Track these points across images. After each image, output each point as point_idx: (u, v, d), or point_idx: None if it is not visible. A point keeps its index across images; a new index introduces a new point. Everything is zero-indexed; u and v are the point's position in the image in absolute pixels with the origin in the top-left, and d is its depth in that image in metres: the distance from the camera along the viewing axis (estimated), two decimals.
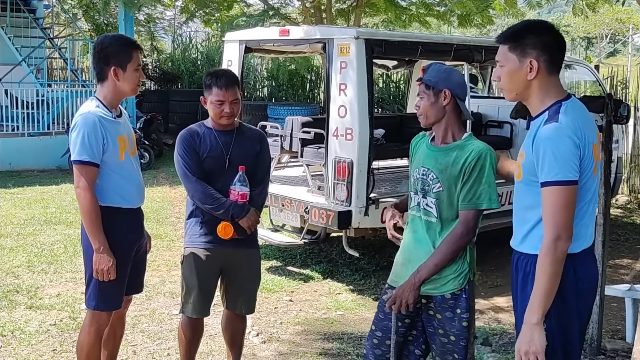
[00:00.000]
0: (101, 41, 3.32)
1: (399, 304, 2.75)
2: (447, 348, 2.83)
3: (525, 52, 2.40)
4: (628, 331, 4.59)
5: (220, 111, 3.41)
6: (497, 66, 2.51)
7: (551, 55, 2.41)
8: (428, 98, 2.79)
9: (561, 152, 2.29)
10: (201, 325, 3.72)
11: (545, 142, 2.32)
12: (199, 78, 16.93)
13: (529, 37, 2.41)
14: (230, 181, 3.45)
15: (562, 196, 2.31)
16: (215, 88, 3.40)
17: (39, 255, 6.53)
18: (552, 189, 2.31)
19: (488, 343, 4.56)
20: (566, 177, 2.30)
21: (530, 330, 2.32)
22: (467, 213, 2.74)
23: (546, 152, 2.31)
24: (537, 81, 2.42)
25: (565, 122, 2.33)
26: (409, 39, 6.13)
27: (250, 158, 3.52)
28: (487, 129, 7.93)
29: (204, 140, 3.46)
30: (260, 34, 6.87)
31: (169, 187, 10.57)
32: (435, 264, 2.73)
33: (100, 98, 3.28)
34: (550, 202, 2.32)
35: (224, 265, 3.58)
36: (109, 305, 3.34)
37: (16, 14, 14.28)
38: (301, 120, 6.67)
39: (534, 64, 2.39)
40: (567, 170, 2.29)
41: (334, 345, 4.61)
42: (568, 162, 2.29)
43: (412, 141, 3.03)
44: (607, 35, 35.18)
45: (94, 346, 3.37)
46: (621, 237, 7.99)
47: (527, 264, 2.46)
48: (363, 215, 5.61)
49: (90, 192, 3.19)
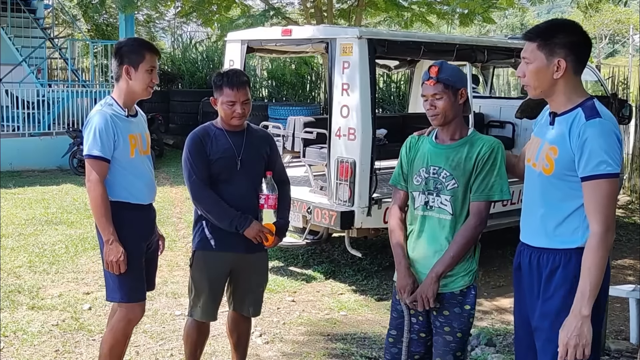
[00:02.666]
0: (119, 42, 3.46)
1: (421, 301, 2.80)
2: (451, 347, 2.85)
3: (554, 51, 2.43)
4: (632, 332, 4.58)
5: (231, 112, 3.38)
6: (522, 62, 2.53)
7: (578, 56, 2.45)
8: (448, 98, 2.79)
9: (610, 145, 2.35)
10: (207, 327, 3.70)
11: (593, 137, 2.36)
12: (200, 78, 16.92)
13: (558, 37, 2.44)
14: (241, 183, 3.41)
15: (611, 189, 2.37)
16: (226, 88, 3.36)
17: (41, 255, 6.52)
18: (601, 182, 2.36)
19: (492, 344, 4.54)
20: (615, 170, 2.36)
21: (580, 322, 2.35)
22: (479, 204, 2.79)
23: (595, 146, 2.35)
24: (562, 80, 2.45)
25: (608, 117, 2.41)
26: (411, 39, 6.13)
27: (261, 159, 3.49)
28: (489, 129, 7.93)
29: (215, 142, 3.42)
30: (262, 33, 6.86)
31: (170, 187, 10.56)
32: (452, 256, 2.79)
33: (115, 97, 3.37)
34: (599, 195, 2.37)
35: (233, 268, 3.55)
36: (134, 295, 3.37)
37: (16, 14, 14.27)
38: (303, 120, 6.66)
39: (562, 64, 2.42)
40: (615, 163, 2.36)
41: (338, 346, 4.60)
42: (616, 155, 2.36)
43: (407, 142, 3.02)
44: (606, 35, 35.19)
45: (120, 341, 3.41)
46: (623, 237, 7.99)
47: (554, 259, 2.49)
48: (366, 216, 5.61)
49: (100, 185, 3.24)
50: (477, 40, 6.83)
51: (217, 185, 3.42)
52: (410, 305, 2.86)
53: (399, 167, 3.03)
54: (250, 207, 3.44)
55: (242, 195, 3.43)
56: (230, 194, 3.41)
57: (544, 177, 2.52)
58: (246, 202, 3.44)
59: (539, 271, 2.53)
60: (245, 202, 3.43)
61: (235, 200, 3.41)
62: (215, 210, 3.38)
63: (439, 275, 2.79)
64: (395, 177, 3.05)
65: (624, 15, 29.10)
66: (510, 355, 4.35)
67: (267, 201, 3.44)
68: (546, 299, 2.51)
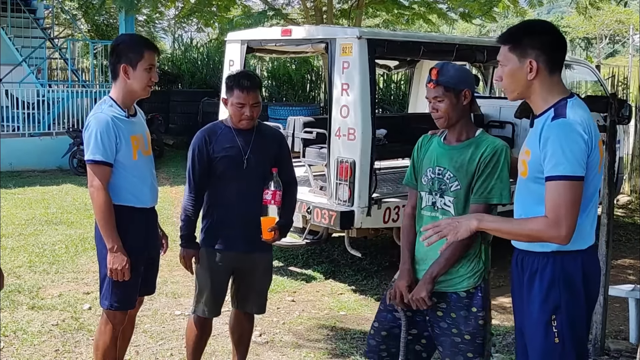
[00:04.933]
0: (117, 39, 3.38)
1: (415, 302, 2.78)
2: (460, 348, 2.82)
3: (525, 52, 2.41)
4: (631, 331, 4.58)
5: (240, 114, 3.39)
6: (498, 66, 2.52)
7: (551, 55, 2.42)
8: (450, 100, 2.77)
9: (570, 147, 2.30)
10: (210, 325, 3.72)
11: (554, 137, 2.32)
12: (200, 78, 16.93)
13: (528, 38, 2.42)
14: (247, 182, 3.43)
15: (568, 191, 2.29)
16: (237, 90, 3.36)
17: (41, 255, 6.52)
18: (558, 183, 2.30)
19: (492, 343, 4.55)
20: (574, 173, 2.29)
21: (464, 222, 2.46)
22: (477, 207, 2.75)
23: (555, 146, 2.31)
24: (537, 81, 2.43)
25: (573, 117, 2.34)
26: (411, 39, 6.13)
27: (268, 159, 3.48)
28: (489, 129, 7.91)
29: (221, 139, 3.43)
30: (262, 33, 6.86)
31: (170, 187, 10.57)
32: (447, 258, 2.76)
33: (114, 97, 3.27)
34: (555, 196, 2.30)
35: (236, 267, 3.57)
36: (123, 304, 3.33)
37: (16, 14, 14.26)
38: (303, 120, 6.65)
39: (534, 64, 2.40)
40: (574, 165, 2.29)
41: (338, 345, 4.60)
42: (576, 158, 2.29)
43: (418, 142, 3.01)
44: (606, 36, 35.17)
45: (109, 346, 3.38)
46: (623, 237, 7.98)
47: (533, 263, 2.48)
48: (365, 216, 5.60)
49: (104, 192, 3.17)
50: (477, 41, 6.83)
51: (223, 183, 3.43)
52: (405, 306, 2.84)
53: (411, 167, 3.03)
54: (254, 206, 3.44)
55: (247, 194, 3.44)
56: (236, 193, 3.42)
57: (522, 180, 2.54)
58: (251, 201, 3.44)
59: (523, 273, 2.53)
60: (250, 201, 3.44)
61: (240, 199, 3.42)
62: (182, 214, 3.52)
63: (434, 276, 2.77)
64: (408, 177, 3.04)
65: (624, 16, 29.11)
66: (510, 355, 4.35)
67: (273, 196, 3.43)
68: (527, 302, 2.51)
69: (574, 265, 2.40)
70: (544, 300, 2.44)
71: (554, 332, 2.43)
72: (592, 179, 2.39)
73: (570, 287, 2.40)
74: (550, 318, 2.43)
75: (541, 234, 2.34)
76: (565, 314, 2.42)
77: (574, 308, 2.43)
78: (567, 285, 2.40)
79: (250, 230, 3.44)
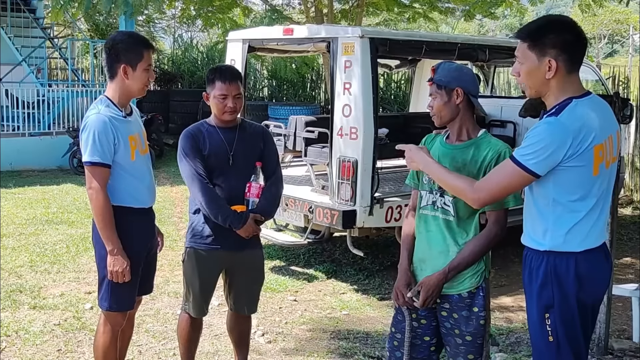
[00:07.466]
0: (113, 37, 3.26)
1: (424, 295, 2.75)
2: (461, 349, 2.82)
3: (545, 51, 2.36)
4: (635, 331, 4.57)
5: (223, 106, 3.38)
6: (516, 62, 2.48)
7: (571, 54, 2.38)
8: (441, 98, 2.77)
9: (538, 141, 2.31)
10: (200, 323, 3.73)
11: (532, 129, 2.37)
12: (200, 78, 16.91)
13: (548, 36, 2.37)
14: (234, 179, 3.42)
15: (509, 174, 2.39)
16: (218, 82, 3.37)
17: (42, 255, 6.51)
18: (508, 161, 2.41)
19: (495, 342, 4.54)
20: (525, 163, 2.34)
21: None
22: (497, 213, 2.75)
23: (528, 136, 2.36)
24: (555, 80, 2.39)
25: (565, 118, 2.32)
26: (413, 38, 6.12)
27: (254, 154, 3.49)
28: (491, 128, 7.91)
29: (207, 138, 3.43)
30: (263, 33, 6.84)
31: (170, 186, 10.56)
32: (467, 262, 2.75)
33: (110, 97, 3.22)
34: (498, 170, 2.45)
35: (227, 266, 3.56)
36: (121, 305, 3.32)
37: (16, 14, 14.24)
38: (305, 120, 6.64)
39: (553, 64, 2.36)
40: (530, 158, 2.32)
41: (341, 345, 4.59)
42: (536, 153, 2.31)
43: (422, 141, 3.00)
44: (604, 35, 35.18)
45: (109, 347, 3.36)
46: (624, 236, 7.98)
47: (532, 260, 2.49)
48: (367, 215, 5.59)
49: (102, 194, 3.13)
50: (478, 40, 6.83)
51: (210, 181, 3.42)
52: (408, 303, 2.82)
53: None
54: (241, 202, 3.44)
55: (234, 190, 3.43)
56: (223, 190, 3.41)
57: None
58: (238, 198, 3.43)
59: (525, 269, 2.54)
60: (236, 198, 3.43)
61: (226, 196, 3.41)
62: (214, 206, 3.37)
63: (447, 274, 2.75)
64: (410, 177, 3.03)
65: (624, 15, 29.12)
66: (513, 354, 4.35)
67: (249, 189, 3.43)
68: (528, 299, 2.53)
69: (565, 267, 2.39)
70: (538, 298, 2.45)
71: (548, 331, 2.44)
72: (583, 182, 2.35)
73: (561, 287, 2.39)
74: (544, 316, 2.44)
75: (465, 193, 2.52)
76: (558, 313, 2.41)
77: (566, 308, 2.41)
78: (559, 285, 2.39)
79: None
